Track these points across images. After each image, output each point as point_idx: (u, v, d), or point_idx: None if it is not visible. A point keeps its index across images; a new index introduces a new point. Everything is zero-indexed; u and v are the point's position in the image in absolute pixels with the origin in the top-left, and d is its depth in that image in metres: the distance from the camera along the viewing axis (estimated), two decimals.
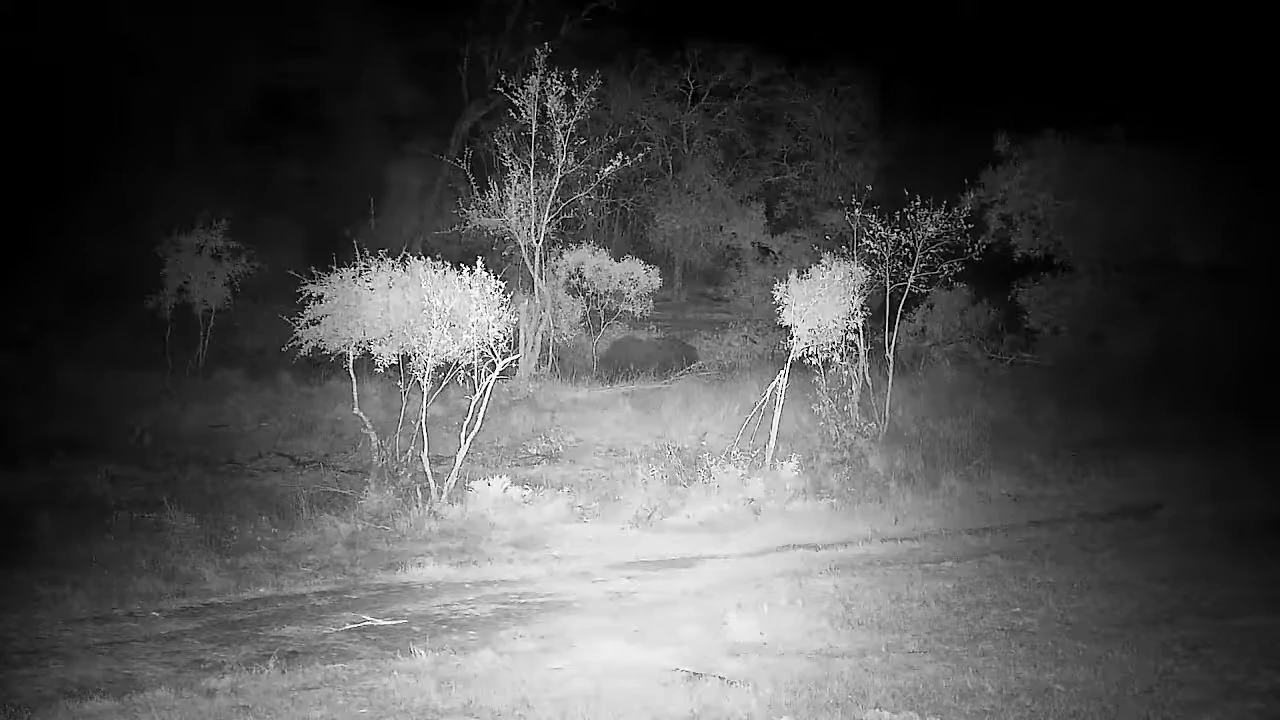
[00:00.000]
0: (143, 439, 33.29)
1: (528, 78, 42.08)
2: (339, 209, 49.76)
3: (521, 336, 41.62)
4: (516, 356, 33.36)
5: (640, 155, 45.40)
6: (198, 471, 30.92)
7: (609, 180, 45.36)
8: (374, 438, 30.00)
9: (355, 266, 29.56)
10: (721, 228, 59.33)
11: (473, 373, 29.39)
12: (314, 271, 30.02)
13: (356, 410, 29.88)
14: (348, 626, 20.03)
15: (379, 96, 54.81)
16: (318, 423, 35.71)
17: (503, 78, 43.50)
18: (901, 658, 18.06)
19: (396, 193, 53.74)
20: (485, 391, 29.31)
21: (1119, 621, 20.07)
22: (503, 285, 29.49)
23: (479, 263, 29.22)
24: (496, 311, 28.99)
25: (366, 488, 28.29)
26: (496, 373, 29.40)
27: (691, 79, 63.09)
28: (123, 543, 24.42)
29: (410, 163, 53.97)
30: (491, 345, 28.98)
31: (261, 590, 22.17)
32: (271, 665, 17.31)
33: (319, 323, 29.67)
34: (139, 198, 48.17)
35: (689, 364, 46.25)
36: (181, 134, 51.76)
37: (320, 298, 29.66)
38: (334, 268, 29.72)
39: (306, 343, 29.85)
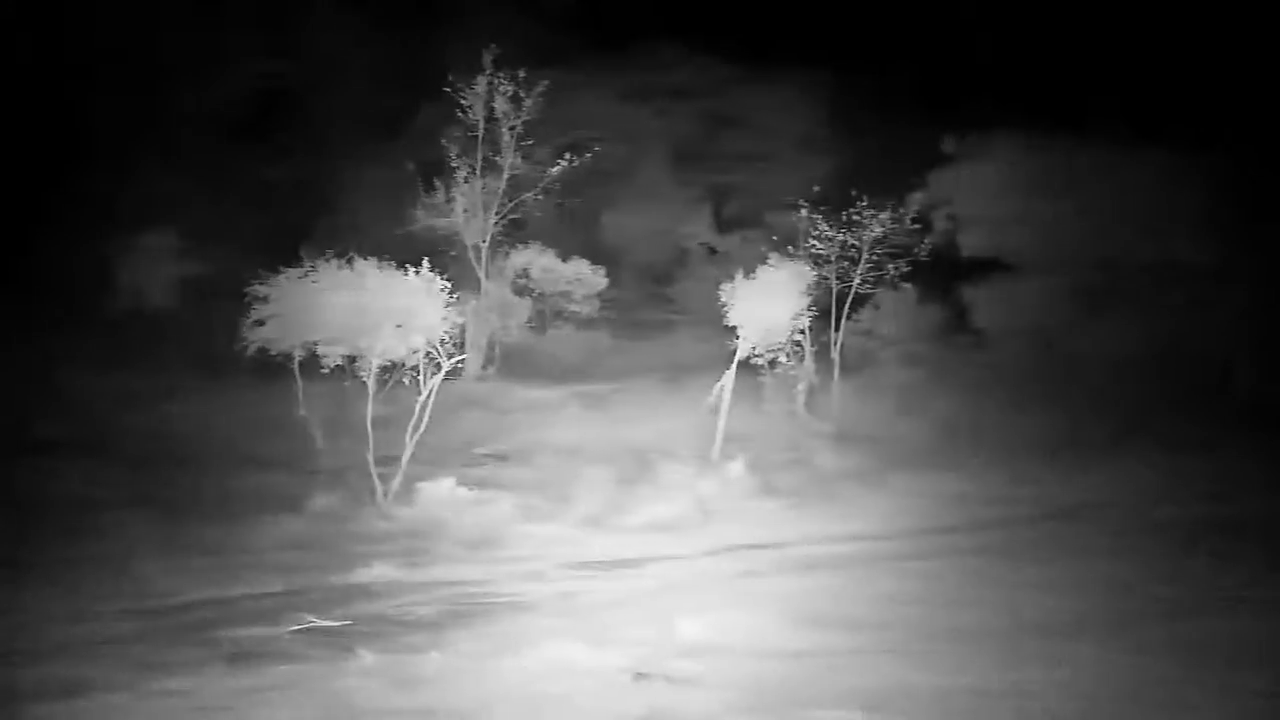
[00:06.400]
0: (101, 438, 32.94)
1: (475, 78, 41.89)
2: (300, 209, 49.37)
3: (468, 337, 41.42)
4: (463, 357, 33.24)
5: (588, 155, 45.24)
6: (153, 472, 30.63)
7: (558, 180, 45.18)
8: (319, 439, 29.79)
9: (302, 267, 29.32)
10: (671, 228, 59.29)
11: (419, 373, 29.23)
12: (261, 272, 29.75)
13: (302, 411, 29.68)
14: (296, 628, 19.87)
15: (345, 97, 54.46)
16: (269, 424, 35.41)
17: (450, 78, 43.23)
18: (856, 658, 18.10)
19: (353, 193, 53.42)
20: (430, 392, 29.15)
21: (1085, 621, 20.17)
22: (449, 285, 29.33)
23: (425, 263, 29.06)
24: (443, 312, 28.85)
25: (315, 489, 28.11)
26: (442, 373, 29.25)
27: (643, 79, 63.01)
28: (80, 543, 24.18)
29: (366, 164, 53.68)
30: (438, 346, 28.83)
31: (213, 591, 22.00)
32: (225, 667, 17.17)
33: (265, 323, 29.42)
34: (100, 197, 47.63)
35: (638, 364, 46.13)
36: (145, 134, 51.22)
37: (266, 298, 29.41)
38: (281, 268, 29.47)
39: (253, 343, 29.58)
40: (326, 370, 29.23)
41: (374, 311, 28.26)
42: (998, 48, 50.49)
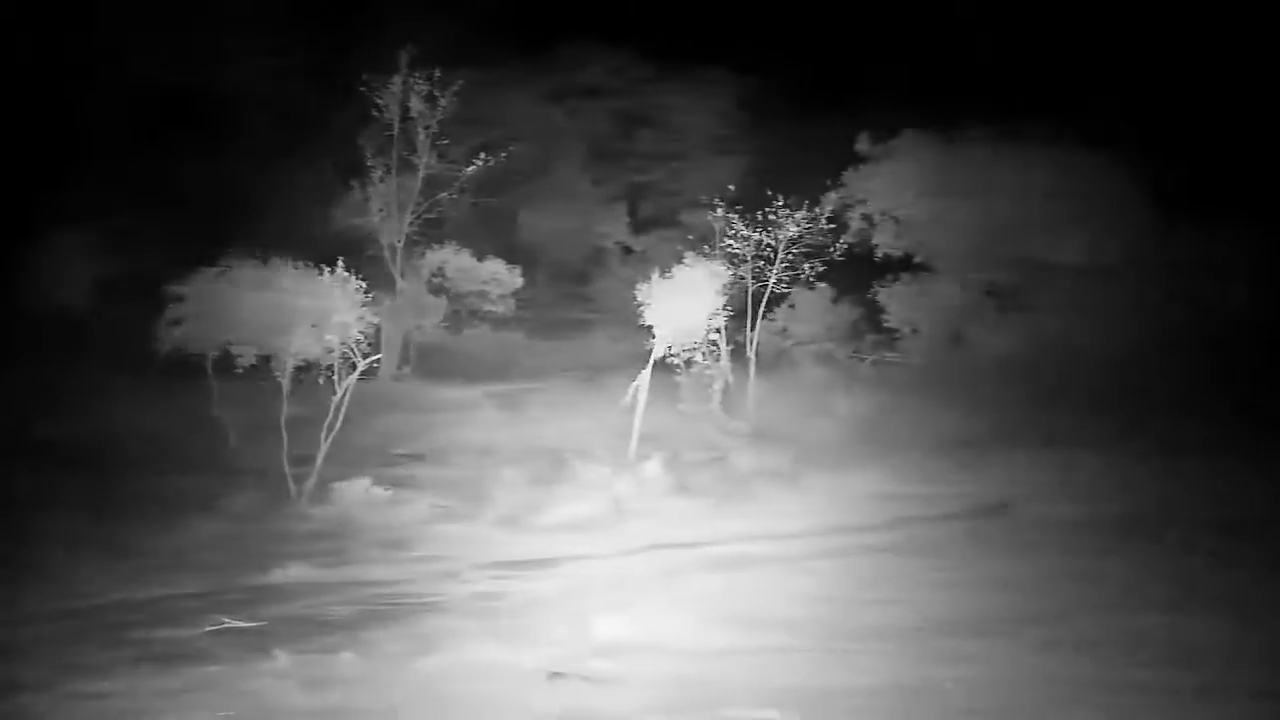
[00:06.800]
0: (17, 438, 32.52)
1: (391, 77, 41.75)
2: (217, 209, 48.89)
3: (383, 337, 41.22)
4: (378, 357, 33.10)
5: (503, 155, 45.16)
6: (69, 472, 30.27)
7: (473, 180, 45.06)
8: (234, 439, 29.61)
9: (218, 267, 29.14)
10: (587, 228, 59.28)
11: (334, 373, 29.11)
12: (177, 272, 29.55)
13: (217, 412, 29.48)
14: (211, 628, 19.76)
15: (263, 96, 53.98)
16: (186, 424, 35.07)
17: (365, 77, 43.03)
18: (771, 656, 18.20)
19: (270, 193, 52.98)
20: (345, 392, 29.04)
21: (993, 618, 20.37)
22: (364, 285, 29.25)
23: (340, 263, 28.96)
24: (358, 311, 28.76)
25: (232, 489, 27.93)
26: (357, 372, 29.15)
27: (560, 79, 62.93)
28: (4, 545, 23.91)
29: (284, 163, 53.25)
30: (353, 345, 28.74)
31: (129, 592, 21.83)
32: (141, 669, 17.06)
33: (180, 323, 29.21)
34: (15, 199, 46.99)
35: (554, 364, 46.13)
36: (61, 134, 50.54)
37: (182, 298, 29.21)
38: (198, 268, 29.29)
39: (169, 343, 29.35)
40: (242, 370, 29.06)
41: (288, 311, 28.14)
42: (912, 48, 50.86)
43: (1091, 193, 45.04)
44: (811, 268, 39.02)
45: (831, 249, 39.55)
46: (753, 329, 37.59)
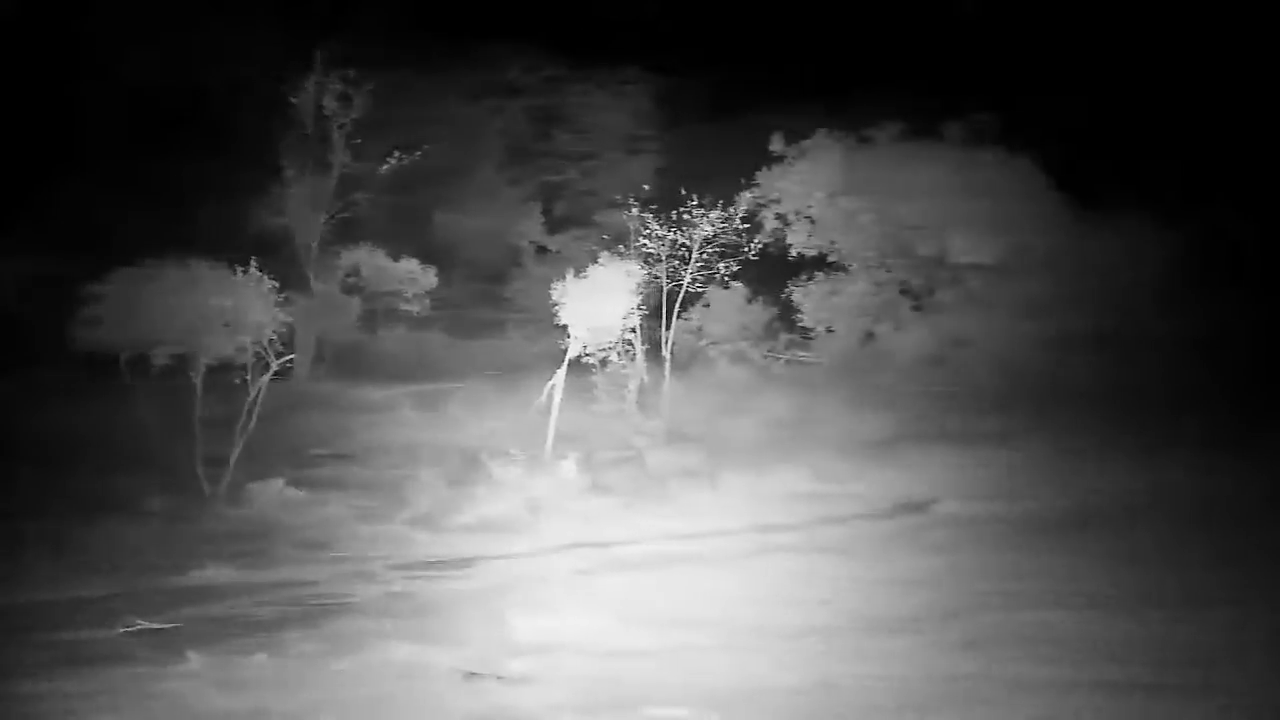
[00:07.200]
0: None
1: (306, 76, 41.55)
2: (132, 208, 48.39)
3: (298, 337, 40.99)
4: (291, 357, 32.93)
5: (418, 154, 45.04)
6: None
7: (389, 179, 44.90)
8: (150, 439, 29.38)
9: (134, 266, 28.93)
10: (503, 227, 59.17)
11: (248, 373, 28.98)
12: (92, 272, 29.30)
13: (134, 412, 29.25)
14: (127, 630, 19.64)
15: (180, 93, 53.45)
16: (102, 424, 34.70)
17: (280, 76, 42.77)
18: (689, 655, 18.32)
19: (185, 191, 52.46)
20: (258, 392, 28.92)
21: (911, 616, 20.59)
22: (277, 284, 29.13)
23: (253, 262, 28.83)
24: (271, 311, 28.64)
25: (148, 490, 27.73)
26: (270, 372, 29.03)
27: (476, 78, 62.76)
28: None
29: (203, 162, 52.72)
30: (266, 345, 28.62)
31: (44, 593, 21.69)
32: (56, 670, 16.95)
33: (95, 323, 28.97)
34: None
35: (471, 364, 46.01)
36: None
37: (98, 298, 28.97)
38: (113, 268, 29.07)
39: (83, 343, 29.10)
40: (158, 370, 28.86)
41: (202, 311, 27.99)
42: (825, 48, 51.14)
43: (1003, 192, 45.45)
44: (726, 267, 39.22)
45: (746, 248, 39.78)
46: (668, 328, 37.71)
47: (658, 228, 37.84)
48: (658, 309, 38.19)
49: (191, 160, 50.91)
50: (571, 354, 33.68)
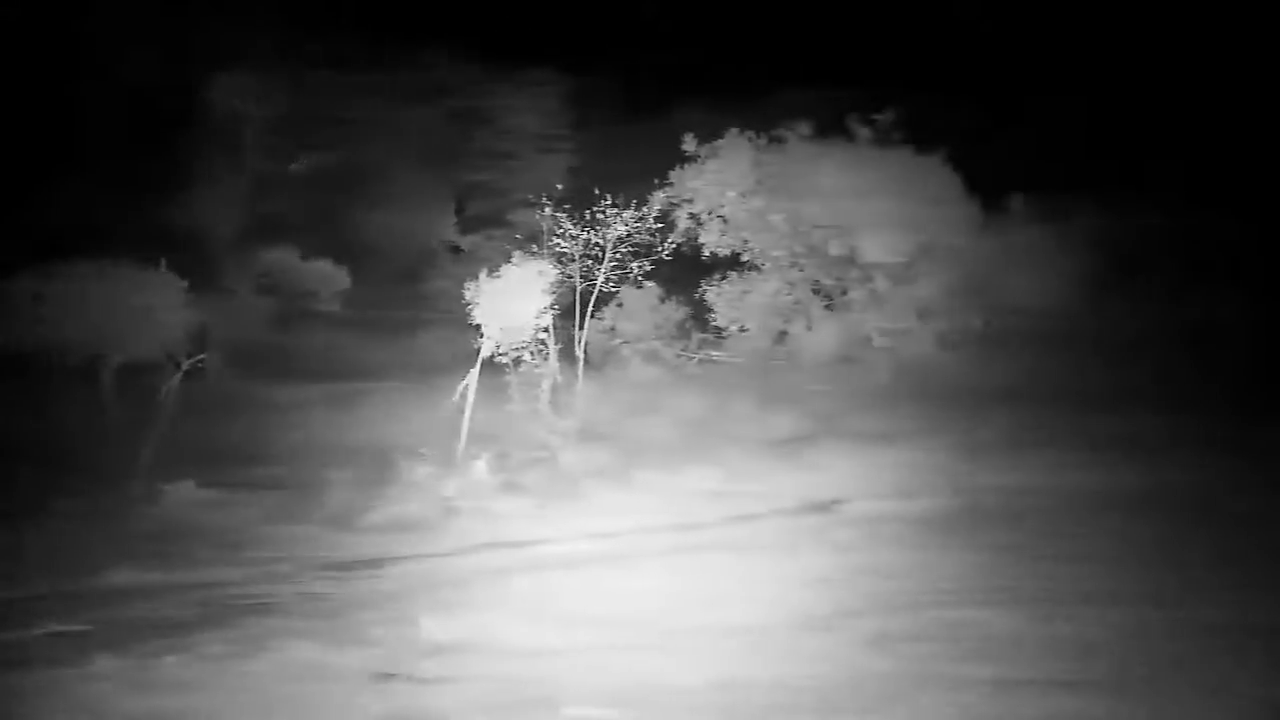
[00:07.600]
0: None
1: (223, 75, 41.31)
2: (43, 207, 47.91)
3: (210, 337, 40.71)
4: (202, 356, 32.76)
5: (332, 153, 44.91)
6: None
7: (305, 178, 44.72)
8: (65, 439, 29.14)
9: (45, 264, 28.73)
10: (417, 227, 58.99)
11: (160, 373, 28.84)
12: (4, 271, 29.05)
13: (47, 411, 29.01)
14: (39, 632, 19.51)
15: (97, 90, 52.91)
16: (13, 424, 34.37)
17: (195, 75, 42.46)
18: (604, 654, 18.42)
19: (98, 190, 51.94)
20: (169, 391, 28.79)
21: (822, 614, 20.77)
22: (188, 284, 29.00)
23: (163, 262, 28.69)
24: (183, 311, 28.51)
25: (61, 491, 27.51)
26: (180, 372, 28.89)
27: (393, 77, 62.50)
28: None
29: (117, 160, 52.17)
30: (178, 345, 28.49)
31: None
32: None
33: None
34: None
35: (384, 363, 45.86)
36: None
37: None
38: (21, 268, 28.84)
39: None
40: (69, 370, 28.66)
41: (113, 310, 27.82)
42: (735, 48, 51.35)
43: (914, 192, 45.82)
44: (639, 267, 39.38)
45: (659, 248, 39.95)
46: (581, 328, 37.80)
47: (571, 227, 37.93)
48: (571, 308, 38.27)
49: (108, 157, 50.48)
50: (485, 353, 33.72)
